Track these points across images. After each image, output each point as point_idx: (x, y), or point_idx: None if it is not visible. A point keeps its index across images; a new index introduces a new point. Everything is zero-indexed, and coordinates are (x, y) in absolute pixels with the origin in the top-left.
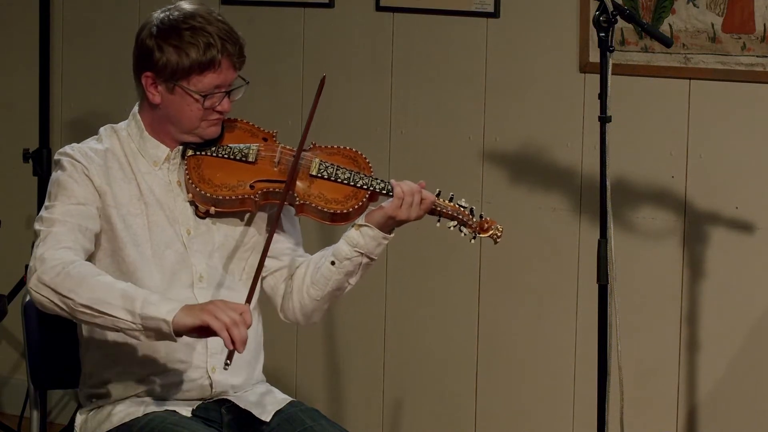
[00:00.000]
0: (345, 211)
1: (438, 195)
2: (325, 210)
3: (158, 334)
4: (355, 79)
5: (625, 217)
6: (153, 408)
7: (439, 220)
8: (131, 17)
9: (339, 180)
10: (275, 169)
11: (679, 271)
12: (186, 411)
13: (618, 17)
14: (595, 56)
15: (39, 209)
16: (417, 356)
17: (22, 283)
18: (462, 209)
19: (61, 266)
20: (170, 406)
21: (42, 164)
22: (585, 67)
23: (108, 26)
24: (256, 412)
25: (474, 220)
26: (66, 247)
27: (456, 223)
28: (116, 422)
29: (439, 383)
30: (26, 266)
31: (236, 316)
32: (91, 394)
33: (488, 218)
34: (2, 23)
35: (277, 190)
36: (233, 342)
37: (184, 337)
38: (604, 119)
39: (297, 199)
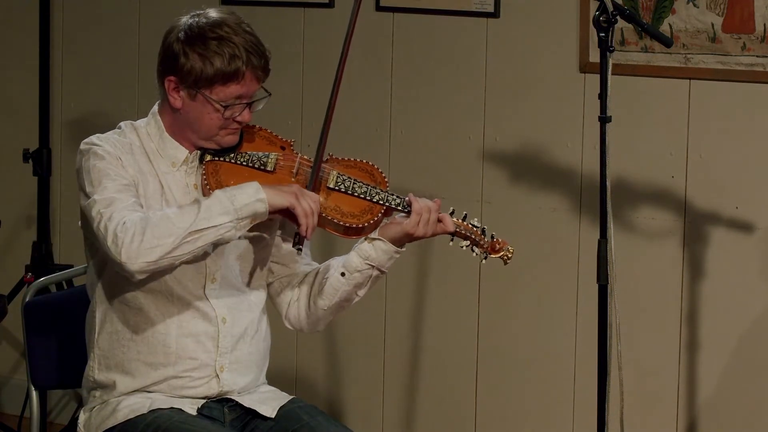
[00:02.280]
0: (360, 225)
1: (452, 214)
2: (340, 223)
3: (253, 218)
4: (355, 79)
5: (625, 217)
6: (158, 405)
7: (452, 239)
8: (131, 18)
9: (356, 194)
10: (293, 179)
11: (679, 271)
12: (191, 410)
13: (618, 17)
14: (595, 56)
15: (39, 209)
16: (417, 356)
17: (22, 283)
18: (474, 229)
19: (134, 230)
20: (176, 404)
21: (42, 164)
22: (585, 67)
23: (108, 26)
24: (260, 409)
25: (486, 240)
26: (135, 210)
27: (469, 243)
28: (121, 418)
29: (439, 383)
30: (26, 266)
31: (315, 206)
32: (95, 386)
33: (499, 239)
34: (2, 23)
35: None
36: (307, 230)
37: (193, 333)
38: (604, 119)
39: None
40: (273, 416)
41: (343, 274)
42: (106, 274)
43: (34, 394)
